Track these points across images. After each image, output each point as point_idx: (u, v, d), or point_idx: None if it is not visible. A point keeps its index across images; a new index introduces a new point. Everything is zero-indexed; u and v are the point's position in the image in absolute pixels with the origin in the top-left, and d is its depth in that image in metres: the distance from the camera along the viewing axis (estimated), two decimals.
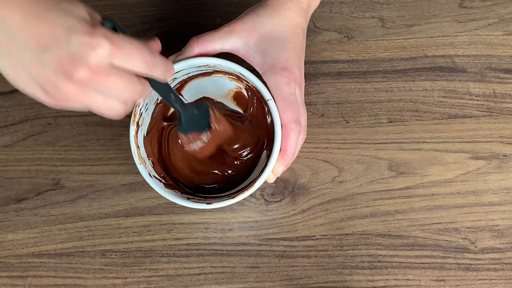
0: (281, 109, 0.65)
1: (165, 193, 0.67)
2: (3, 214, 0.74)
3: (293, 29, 0.68)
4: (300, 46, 0.68)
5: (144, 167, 0.68)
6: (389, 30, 0.81)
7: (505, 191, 0.74)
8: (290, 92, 0.65)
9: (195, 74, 0.72)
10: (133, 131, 0.68)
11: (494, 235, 0.72)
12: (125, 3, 0.84)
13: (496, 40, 0.81)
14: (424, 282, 0.70)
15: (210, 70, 0.72)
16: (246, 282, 0.71)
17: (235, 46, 0.67)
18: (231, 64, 0.67)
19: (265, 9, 0.67)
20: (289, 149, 0.65)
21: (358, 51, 0.80)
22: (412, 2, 0.83)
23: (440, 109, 0.78)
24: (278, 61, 0.66)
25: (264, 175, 0.66)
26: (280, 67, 0.65)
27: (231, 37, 0.67)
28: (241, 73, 0.68)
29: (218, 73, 0.72)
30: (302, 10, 0.68)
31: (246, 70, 0.67)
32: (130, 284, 0.71)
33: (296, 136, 0.65)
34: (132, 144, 0.68)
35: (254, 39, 0.67)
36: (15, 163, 0.76)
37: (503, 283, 0.70)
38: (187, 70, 0.70)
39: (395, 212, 0.73)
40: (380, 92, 0.78)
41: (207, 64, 0.69)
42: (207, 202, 0.67)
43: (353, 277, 0.71)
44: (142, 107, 0.69)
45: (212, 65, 0.69)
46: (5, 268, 0.71)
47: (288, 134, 0.65)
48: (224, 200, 0.67)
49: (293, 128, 0.65)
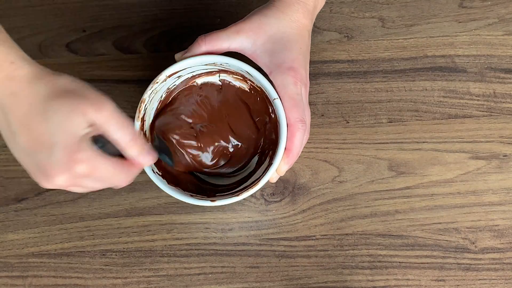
0: (288, 108, 0.66)
1: (168, 190, 0.67)
2: (3, 214, 0.74)
3: (300, 31, 0.68)
4: (306, 47, 0.69)
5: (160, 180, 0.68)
6: (389, 30, 0.81)
7: (505, 191, 0.74)
8: (297, 92, 0.66)
9: (200, 73, 0.72)
10: (138, 126, 0.68)
11: (494, 235, 0.72)
12: (125, 3, 0.84)
13: (496, 40, 0.81)
14: (424, 282, 0.70)
15: (216, 70, 0.72)
16: (246, 282, 0.71)
17: (242, 45, 0.68)
18: (238, 62, 0.68)
19: (272, 10, 0.68)
20: (295, 148, 0.66)
21: (358, 51, 0.80)
22: (412, 2, 0.83)
23: (440, 109, 0.78)
24: (285, 61, 0.66)
25: (270, 172, 0.66)
26: (287, 67, 0.66)
27: (238, 36, 0.67)
28: (248, 71, 0.68)
29: (223, 72, 0.72)
30: (308, 11, 0.69)
31: (253, 69, 0.68)
32: (130, 284, 0.71)
33: (302, 136, 0.66)
34: None
35: (261, 39, 0.67)
36: (15, 163, 0.76)
37: (503, 283, 0.70)
38: (193, 68, 0.71)
39: (395, 212, 0.73)
40: (380, 92, 0.78)
41: (214, 63, 0.69)
42: (210, 199, 0.67)
43: (353, 277, 0.71)
44: (147, 103, 0.69)
45: (219, 63, 0.69)
46: (5, 268, 0.71)
47: (294, 133, 0.66)
48: (227, 197, 0.67)
49: (299, 128, 0.66)
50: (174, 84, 0.72)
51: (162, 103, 0.72)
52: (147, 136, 0.70)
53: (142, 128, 0.69)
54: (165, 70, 0.68)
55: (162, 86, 0.71)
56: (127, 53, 0.82)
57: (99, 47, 0.82)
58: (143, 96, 0.69)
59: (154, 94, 0.70)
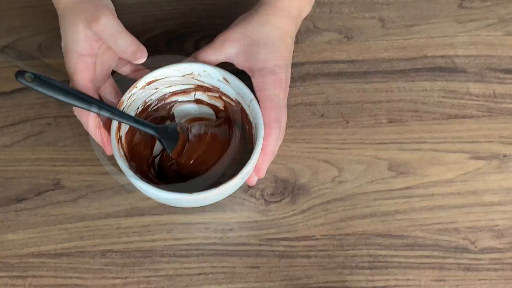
0: (265, 109, 0.69)
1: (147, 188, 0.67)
2: (3, 214, 0.74)
3: (282, 37, 0.72)
4: (288, 53, 0.73)
5: (123, 161, 0.69)
6: (389, 30, 0.81)
7: (505, 191, 0.74)
8: (275, 93, 0.70)
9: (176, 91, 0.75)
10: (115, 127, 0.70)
11: (494, 235, 0.72)
12: (125, 3, 0.84)
13: (496, 40, 0.81)
14: (424, 282, 0.70)
15: (192, 87, 0.75)
16: (246, 282, 0.71)
17: (228, 55, 0.72)
18: (215, 69, 0.71)
19: (256, 16, 0.72)
20: (269, 147, 0.69)
21: (358, 51, 0.80)
22: (412, 2, 0.83)
23: (440, 109, 0.78)
24: (266, 66, 0.70)
25: (244, 171, 0.67)
26: (268, 71, 0.70)
27: (224, 48, 0.71)
28: (225, 77, 0.71)
29: (199, 90, 0.75)
30: (292, 18, 0.73)
31: (230, 74, 0.71)
32: (130, 284, 0.71)
33: (277, 136, 0.69)
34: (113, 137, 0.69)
35: (244, 46, 0.71)
36: (15, 163, 0.76)
37: (503, 283, 0.70)
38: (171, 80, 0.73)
39: (395, 212, 0.73)
40: (380, 92, 0.78)
41: (191, 72, 0.72)
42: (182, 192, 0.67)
43: (353, 277, 0.71)
44: (125, 107, 0.71)
45: (196, 73, 0.72)
46: (5, 268, 0.71)
47: (270, 132, 0.69)
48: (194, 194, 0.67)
49: (275, 127, 0.69)
50: (150, 98, 0.75)
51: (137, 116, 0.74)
52: (122, 142, 0.71)
53: (118, 129, 0.70)
54: (145, 77, 0.71)
55: (140, 93, 0.72)
56: None
57: None
58: (121, 98, 0.71)
59: (132, 100, 0.72)
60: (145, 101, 0.74)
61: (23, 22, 0.84)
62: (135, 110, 0.73)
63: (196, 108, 0.77)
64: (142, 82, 0.71)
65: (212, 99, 0.76)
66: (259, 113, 0.69)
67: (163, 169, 0.74)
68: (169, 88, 0.75)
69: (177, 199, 0.67)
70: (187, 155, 0.72)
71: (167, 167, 0.74)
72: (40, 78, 0.67)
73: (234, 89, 0.72)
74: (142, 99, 0.74)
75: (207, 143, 0.73)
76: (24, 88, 0.80)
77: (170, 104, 0.76)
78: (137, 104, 0.73)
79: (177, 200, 0.68)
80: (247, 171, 0.68)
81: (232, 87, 0.72)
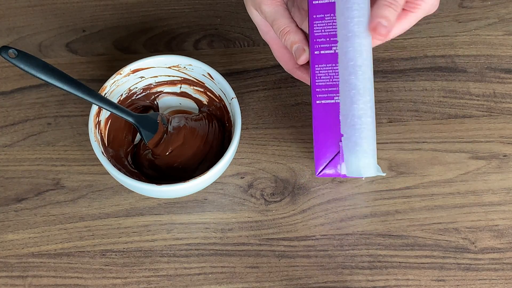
0: None
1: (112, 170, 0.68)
2: (3, 214, 0.74)
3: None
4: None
5: (98, 145, 0.69)
6: None
7: (505, 191, 0.74)
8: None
9: (162, 82, 0.76)
10: (95, 111, 0.70)
11: (494, 235, 0.72)
12: (125, 3, 0.84)
13: (496, 40, 0.81)
14: (424, 282, 0.70)
15: (178, 79, 0.75)
16: (246, 282, 0.71)
17: None
18: (201, 64, 0.72)
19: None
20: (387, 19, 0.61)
21: None
22: None
23: (440, 109, 0.78)
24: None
25: (215, 168, 0.68)
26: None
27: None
28: (209, 73, 0.72)
29: (185, 83, 0.76)
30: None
31: (214, 70, 0.72)
32: (130, 284, 0.71)
33: (394, 13, 0.61)
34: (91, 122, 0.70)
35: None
36: (15, 163, 0.76)
37: (503, 283, 0.70)
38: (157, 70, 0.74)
39: (395, 212, 0.73)
40: (380, 92, 0.78)
41: (178, 64, 0.73)
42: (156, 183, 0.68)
43: (353, 277, 0.71)
44: (107, 92, 0.72)
45: (182, 65, 0.73)
46: (5, 268, 0.71)
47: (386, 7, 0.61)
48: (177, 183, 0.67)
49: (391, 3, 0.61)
50: (136, 87, 0.75)
51: (120, 103, 0.74)
52: (101, 126, 0.72)
53: (98, 114, 0.71)
54: (130, 64, 0.72)
55: (125, 81, 0.73)
56: (127, 53, 0.82)
57: (99, 47, 0.82)
58: (104, 84, 0.71)
59: (115, 86, 0.73)
60: (129, 89, 0.75)
61: (23, 22, 0.84)
62: (118, 96, 0.74)
63: (180, 100, 0.78)
64: (126, 70, 0.72)
65: (197, 93, 0.76)
66: (238, 113, 0.70)
67: (138, 157, 0.74)
68: (155, 78, 0.75)
69: (143, 188, 0.68)
70: (164, 146, 0.72)
71: (142, 156, 0.74)
72: (24, 54, 0.66)
73: (217, 85, 0.73)
74: (127, 86, 0.74)
75: (185, 136, 0.73)
76: (24, 88, 0.80)
77: (155, 94, 0.77)
78: (121, 91, 0.74)
79: (143, 189, 0.68)
80: (218, 169, 0.68)
81: (216, 83, 0.73)
